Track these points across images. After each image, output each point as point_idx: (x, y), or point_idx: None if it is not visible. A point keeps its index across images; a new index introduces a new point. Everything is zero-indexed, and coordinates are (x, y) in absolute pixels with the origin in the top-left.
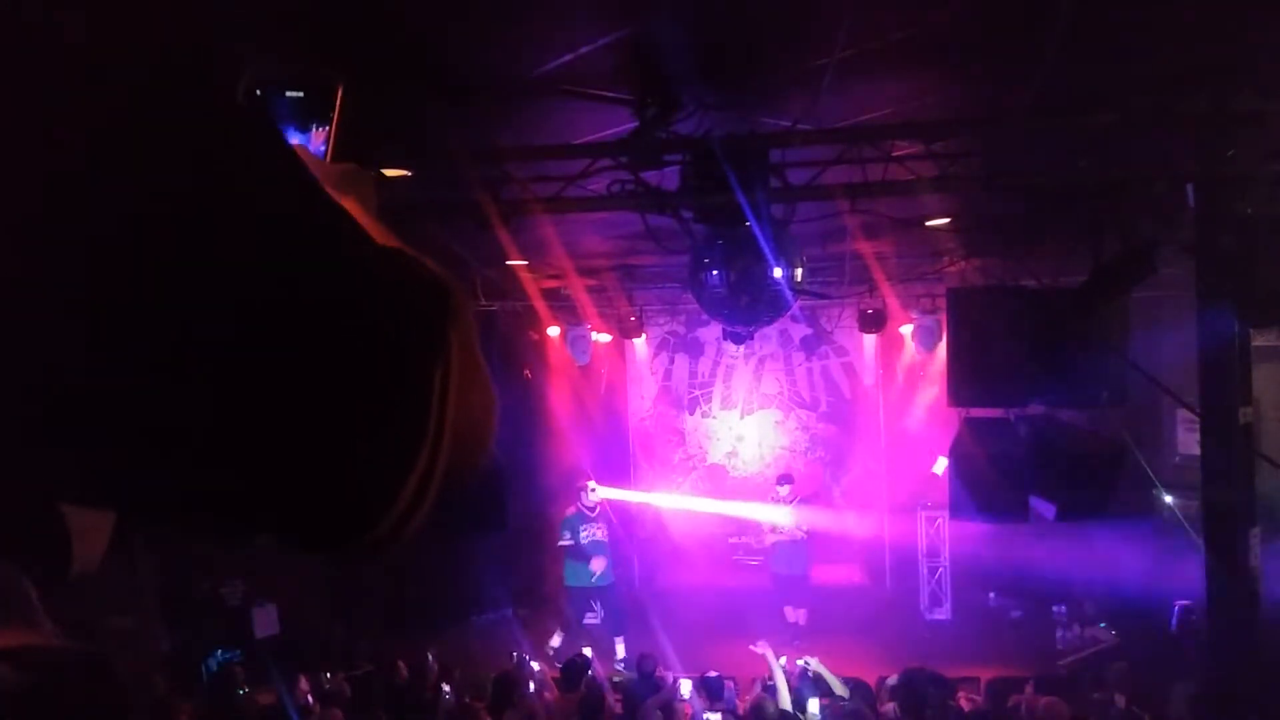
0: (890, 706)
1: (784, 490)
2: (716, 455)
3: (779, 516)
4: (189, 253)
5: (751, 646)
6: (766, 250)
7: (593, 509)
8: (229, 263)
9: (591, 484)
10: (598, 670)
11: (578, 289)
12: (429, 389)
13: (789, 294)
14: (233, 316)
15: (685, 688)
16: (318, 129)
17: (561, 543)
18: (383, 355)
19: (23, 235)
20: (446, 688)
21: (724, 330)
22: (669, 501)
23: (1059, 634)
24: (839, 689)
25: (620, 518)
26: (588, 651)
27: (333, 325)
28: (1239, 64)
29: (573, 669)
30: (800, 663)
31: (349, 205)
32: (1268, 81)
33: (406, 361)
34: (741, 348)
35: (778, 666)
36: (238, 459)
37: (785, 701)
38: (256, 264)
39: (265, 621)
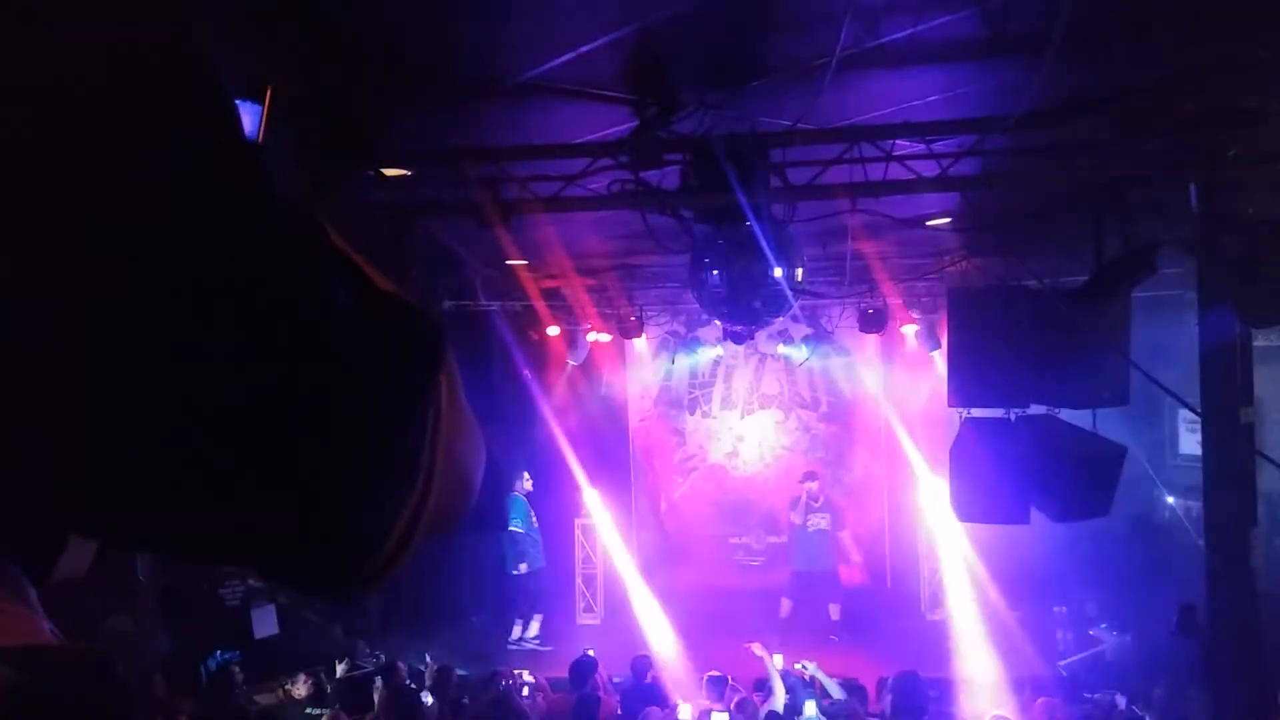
0: (889, 704)
1: (813, 485)
2: (716, 455)
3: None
4: (184, 283)
5: (748, 646)
6: (766, 250)
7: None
8: (229, 296)
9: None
10: (601, 672)
11: (578, 289)
12: (423, 433)
13: (789, 294)
14: (230, 355)
15: (685, 712)
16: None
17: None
18: (382, 398)
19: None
20: (429, 699)
21: (724, 330)
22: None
23: (1059, 634)
24: (836, 693)
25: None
26: (591, 652)
27: (334, 368)
28: (1239, 64)
29: (580, 669)
30: (798, 666)
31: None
32: (1268, 81)
33: (404, 404)
34: (741, 348)
35: (774, 668)
36: (228, 501)
37: (779, 702)
38: (260, 300)
39: (265, 622)
